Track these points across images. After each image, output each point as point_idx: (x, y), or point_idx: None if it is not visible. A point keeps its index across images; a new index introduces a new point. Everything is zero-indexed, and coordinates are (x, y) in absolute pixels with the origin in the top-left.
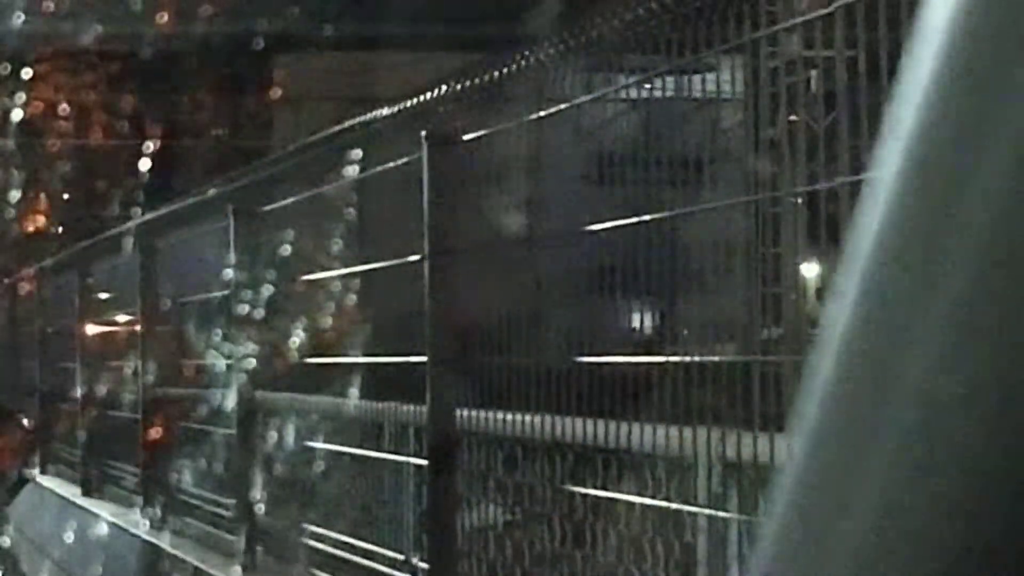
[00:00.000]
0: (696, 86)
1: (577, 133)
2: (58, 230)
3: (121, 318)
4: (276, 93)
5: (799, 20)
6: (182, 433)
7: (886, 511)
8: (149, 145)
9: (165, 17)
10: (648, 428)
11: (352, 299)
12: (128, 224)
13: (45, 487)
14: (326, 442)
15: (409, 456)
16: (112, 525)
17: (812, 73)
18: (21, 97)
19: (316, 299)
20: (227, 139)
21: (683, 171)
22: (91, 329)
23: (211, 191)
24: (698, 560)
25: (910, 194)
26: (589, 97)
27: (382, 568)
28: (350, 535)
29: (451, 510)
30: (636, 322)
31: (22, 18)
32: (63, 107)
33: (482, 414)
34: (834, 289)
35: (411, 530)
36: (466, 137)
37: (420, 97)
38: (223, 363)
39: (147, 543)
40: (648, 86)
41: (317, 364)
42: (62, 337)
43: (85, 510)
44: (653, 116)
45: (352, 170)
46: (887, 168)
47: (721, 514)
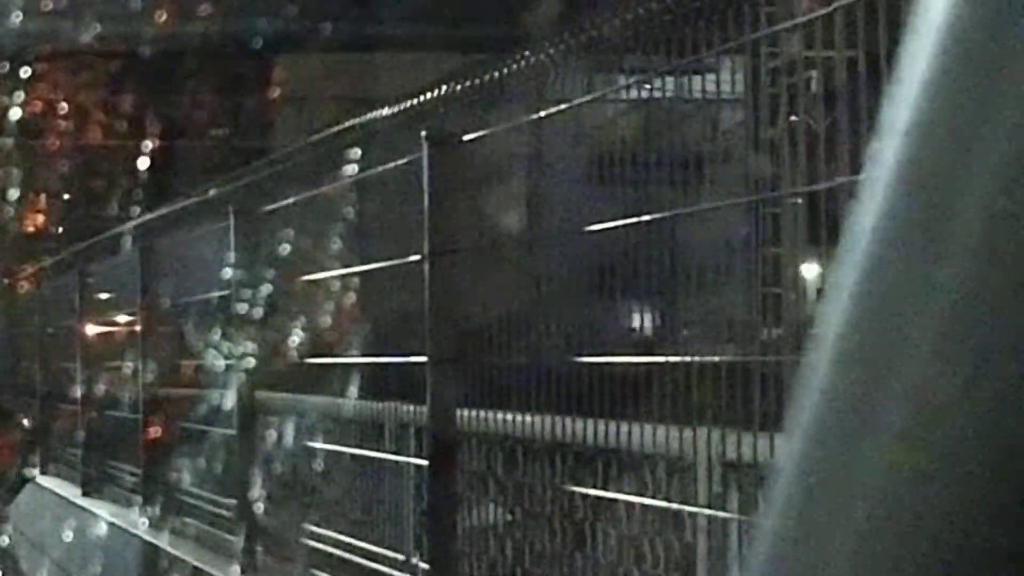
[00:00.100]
0: (696, 86)
1: (577, 133)
2: (58, 230)
3: (121, 318)
4: (276, 93)
5: (799, 20)
6: (182, 433)
7: (883, 511)
8: (149, 145)
9: (165, 17)
10: (648, 428)
11: (352, 299)
12: (128, 224)
13: (45, 487)
14: (326, 442)
15: (409, 456)
16: (112, 525)
17: (812, 73)
18: (21, 96)
19: (316, 299)
20: (227, 139)
21: (683, 171)
22: (91, 329)
23: (211, 191)
24: (698, 560)
25: (905, 193)
26: (589, 97)
27: (382, 568)
28: (350, 535)
29: (451, 510)
30: (636, 322)
31: (21, 17)
32: (63, 107)
33: (482, 414)
34: (830, 288)
35: (411, 530)
36: (466, 137)
37: (420, 97)
38: (223, 363)
39: (147, 543)
40: (648, 86)
41: (317, 364)
42: (62, 337)
43: (85, 510)
44: (653, 116)
45: (352, 170)
46: (882, 167)
47: (721, 514)
